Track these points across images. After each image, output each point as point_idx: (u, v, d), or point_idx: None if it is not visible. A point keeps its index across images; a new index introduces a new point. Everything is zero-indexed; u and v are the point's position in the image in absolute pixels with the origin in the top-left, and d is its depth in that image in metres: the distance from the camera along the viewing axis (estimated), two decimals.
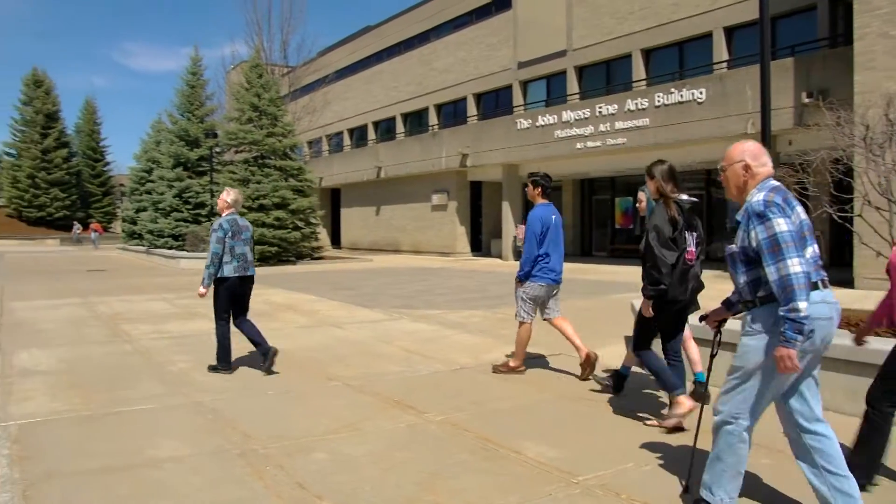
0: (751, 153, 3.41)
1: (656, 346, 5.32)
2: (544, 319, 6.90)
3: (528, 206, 28.24)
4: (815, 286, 3.22)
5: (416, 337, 9.07)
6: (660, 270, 4.90)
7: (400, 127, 40.14)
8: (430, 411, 5.49)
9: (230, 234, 6.98)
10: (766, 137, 5.97)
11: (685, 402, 4.93)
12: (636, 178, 26.23)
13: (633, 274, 19.05)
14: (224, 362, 7.10)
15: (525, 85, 31.45)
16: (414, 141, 34.41)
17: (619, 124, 22.50)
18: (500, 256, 28.41)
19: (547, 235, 6.62)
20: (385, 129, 41.89)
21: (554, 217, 6.73)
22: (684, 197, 5.16)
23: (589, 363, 6.58)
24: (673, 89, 20.97)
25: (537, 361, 7.39)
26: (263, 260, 25.04)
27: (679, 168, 5.30)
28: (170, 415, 5.49)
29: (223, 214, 7.21)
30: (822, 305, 3.24)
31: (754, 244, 3.24)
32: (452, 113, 36.33)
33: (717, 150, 18.59)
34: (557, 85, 29.63)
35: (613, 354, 7.52)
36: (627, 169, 25.19)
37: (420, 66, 37.98)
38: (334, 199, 42.38)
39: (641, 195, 5.98)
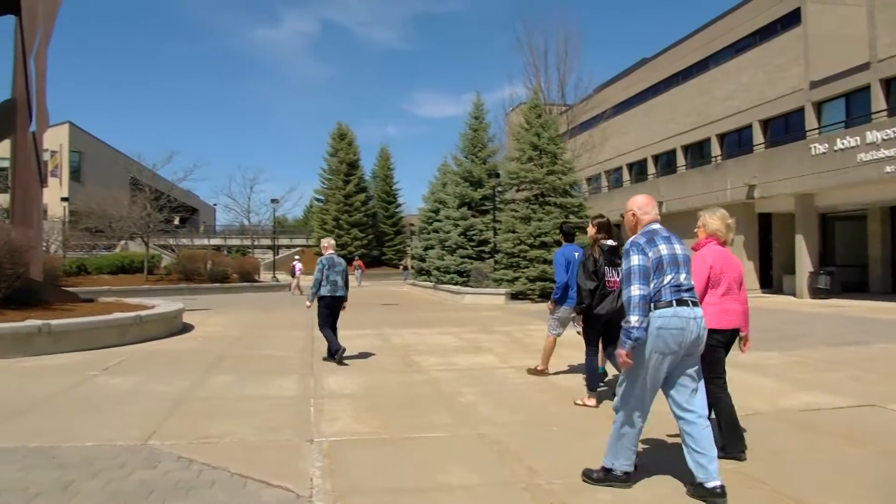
0: (638, 205, 4.57)
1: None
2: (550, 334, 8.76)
3: (823, 238, 25.97)
4: (669, 304, 4.21)
5: None
6: (581, 293, 7.01)
7: (680, 159, 38.91)
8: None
9: (327, 267, 10.11)
10: None
11: (593, 400, 7.01)
12: None
13: None
14: (331, 355, 9.96)
15: (819, 106, 28.99)
16: (696, 173, 33.04)
17: None
18: (793, 294, 26.16)
19: (570, 269, 8.09)
20: (665, 163, 40.84)
21: (577, 254, 8.17)
22: (609, 242, 6.96)
23: (535, 373, 8.88)
24: None
25: (854, 412, 6.63)
26: (545, 296, 25.35)
27: None
28: (458, 444, 5.69)
29: (325, 254, 10.34)
30: (673, 318, 4.19)
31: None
32: (737, 142, 34.51)
33: None
34: (859, 102, 26.92)
35: None
36: None
37: (699, 96, 36.64)
38: None
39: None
